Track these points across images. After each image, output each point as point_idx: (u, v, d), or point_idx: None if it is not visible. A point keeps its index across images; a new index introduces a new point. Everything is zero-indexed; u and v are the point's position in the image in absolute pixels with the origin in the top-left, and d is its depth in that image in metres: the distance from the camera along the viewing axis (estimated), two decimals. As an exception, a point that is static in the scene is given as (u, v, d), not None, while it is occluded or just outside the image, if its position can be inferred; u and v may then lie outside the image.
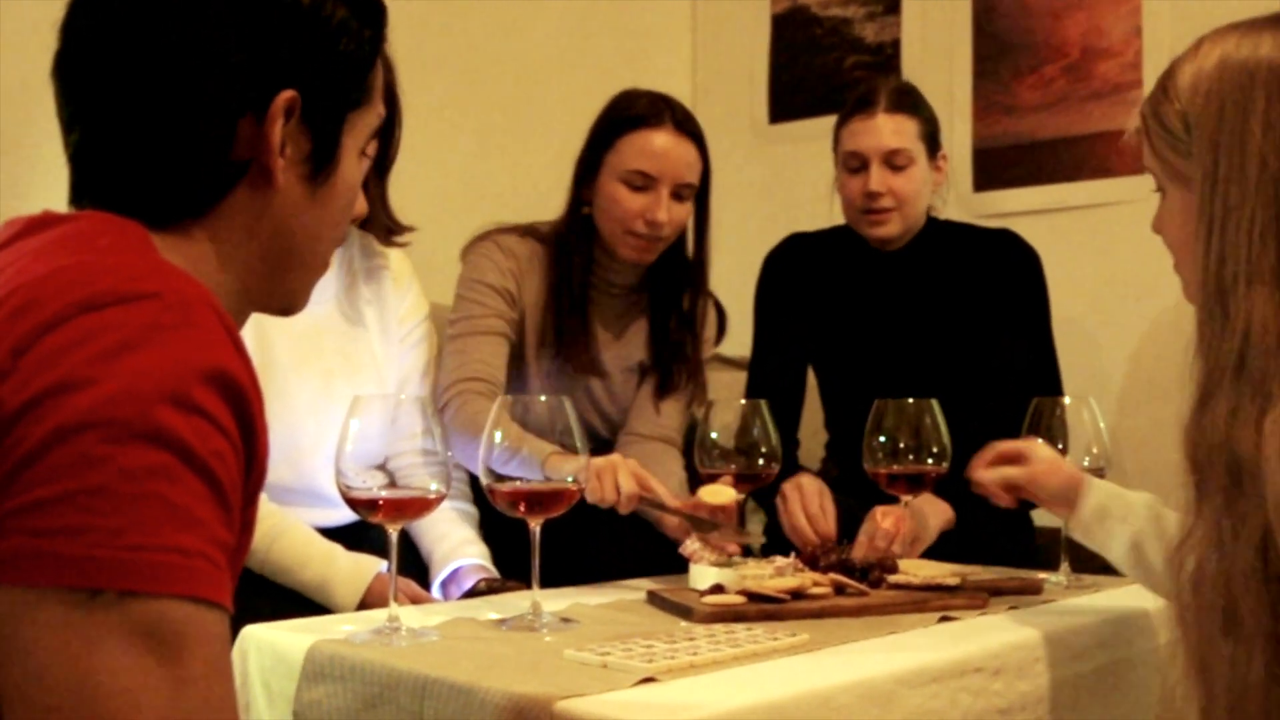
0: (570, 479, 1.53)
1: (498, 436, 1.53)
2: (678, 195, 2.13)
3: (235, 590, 0.82)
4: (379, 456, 1.57)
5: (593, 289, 2.23)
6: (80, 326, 0.77)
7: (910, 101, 2.36)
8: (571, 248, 2.20)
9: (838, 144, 2.39)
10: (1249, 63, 1.04)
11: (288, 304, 1.05)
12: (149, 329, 0.78)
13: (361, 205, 1.05)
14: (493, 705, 1.17)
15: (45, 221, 0.91)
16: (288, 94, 0.94)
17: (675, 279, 2.26)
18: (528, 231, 2.24)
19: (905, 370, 2.40)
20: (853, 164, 2.34)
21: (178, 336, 0.79)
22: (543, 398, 1.74)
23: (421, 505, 1.45)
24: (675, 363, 2.27)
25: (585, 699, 1.14)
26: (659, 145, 2.11)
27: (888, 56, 3.09)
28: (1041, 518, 2.12)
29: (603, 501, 1.80)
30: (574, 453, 1.55)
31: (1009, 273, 2.39)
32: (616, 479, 1.79)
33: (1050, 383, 2.36)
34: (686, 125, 2.14)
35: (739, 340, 2.60)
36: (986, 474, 1.66)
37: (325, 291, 2.07)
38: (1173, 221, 1.12)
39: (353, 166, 1.02)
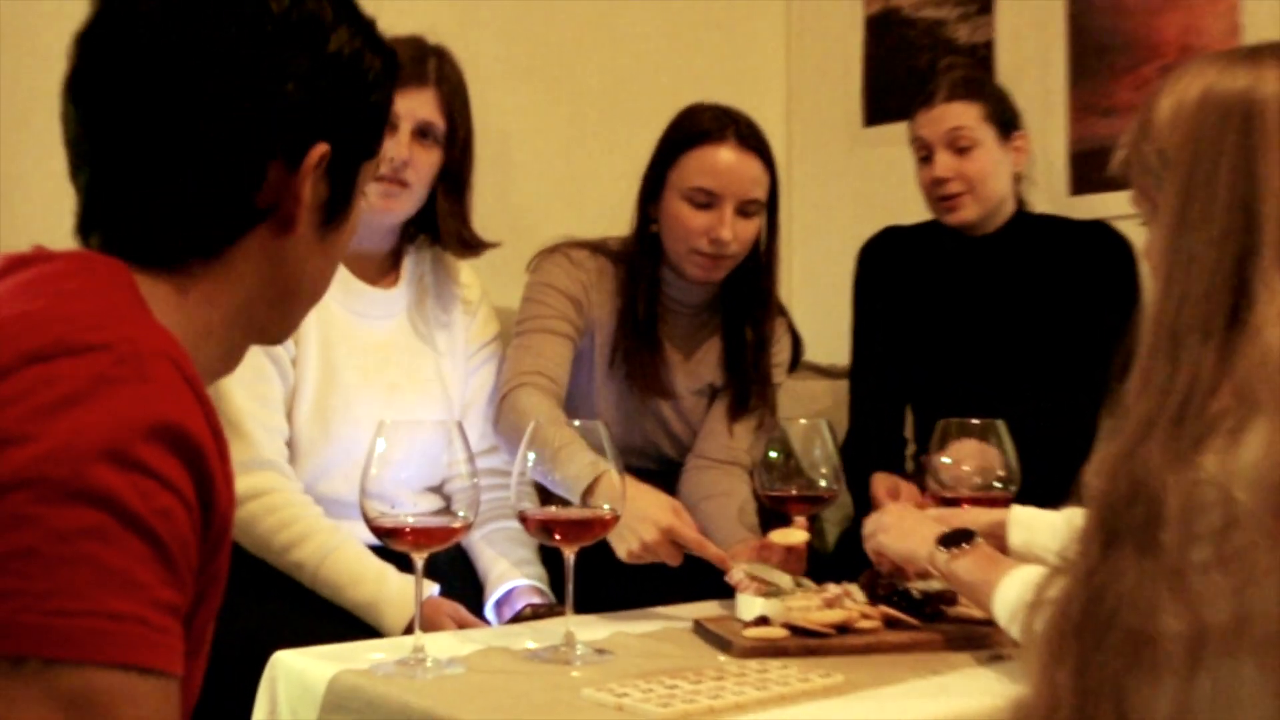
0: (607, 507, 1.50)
1: (530, 458, 1.50)
2: (743, 212, 2.07)
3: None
4: (435, 479, 1.55)
5: (662, 308, 2.18)
6: (25, 379, 0.76)
7: (971, 88, 2.38)
8: (639, 268, 2.15)
9: (910, 139, 2.42)
10: (1228, 98, 0.94)
11: (281, 336, 1.04)
12: (95, 382, 0.76)
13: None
14: (493, 748, 1.14)
15: (26, 260, 0.90)
16: (323, 147, 0.92)
17: (749, 297, 2.20)
18: (597, 247, 2.20)
19: (991, 361, 2.37)
20: (921, 153, 2.39)
21: (125, 390, 0.77)
22: (576, 422, 1.70)
23: (444, 535, 1.42)
24: (749, 383, 2.21)
25: (584, 746, 1.10)
26: (722, 161, 2.06)
27: (981, 58, 3.00)
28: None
29: (628, 558, 1.74)
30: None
31: (1102, 264, 2.34)
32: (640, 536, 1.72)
33: None
34: (751, 140, 2.08)
35: (832, 349, 2.50)
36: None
37: (394, 306, 2.07)
38: (1153, 254, 1.04)
39: (358, 209, 1.01)
